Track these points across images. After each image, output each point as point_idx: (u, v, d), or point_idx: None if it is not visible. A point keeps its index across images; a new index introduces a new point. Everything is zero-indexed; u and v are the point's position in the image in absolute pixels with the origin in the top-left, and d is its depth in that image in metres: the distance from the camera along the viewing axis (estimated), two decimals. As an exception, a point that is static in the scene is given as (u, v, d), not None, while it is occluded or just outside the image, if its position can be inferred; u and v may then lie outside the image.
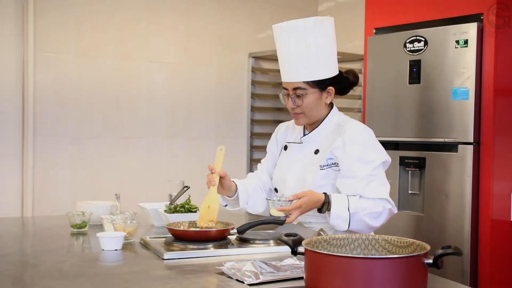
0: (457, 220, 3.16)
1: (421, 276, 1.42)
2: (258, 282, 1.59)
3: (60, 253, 2.04)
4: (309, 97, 2.23)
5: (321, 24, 2.21)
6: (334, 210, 2.13)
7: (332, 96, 2.29)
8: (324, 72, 2.23)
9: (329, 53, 2.24)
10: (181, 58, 4.50)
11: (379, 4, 3.69)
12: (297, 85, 2.23)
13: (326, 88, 2.26)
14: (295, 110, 2.27)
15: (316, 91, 2.24)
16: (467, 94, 3.13)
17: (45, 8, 3.98)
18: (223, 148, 2.24)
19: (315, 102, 2.25)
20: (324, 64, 2.23)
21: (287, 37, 2.22)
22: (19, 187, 3.92)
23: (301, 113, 2.26)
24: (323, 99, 2.27)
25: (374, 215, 2.17)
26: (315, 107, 2.26)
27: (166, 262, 1.88)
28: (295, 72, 2.23)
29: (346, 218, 2.13)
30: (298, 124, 2.33)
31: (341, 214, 2.13)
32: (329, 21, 2.25)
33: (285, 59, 2.25)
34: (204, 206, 2.16)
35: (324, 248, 1.57)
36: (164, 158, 4.44)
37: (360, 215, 2.14)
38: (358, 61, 4.59)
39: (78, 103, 4.11)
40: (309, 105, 2.24)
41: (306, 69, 2.21)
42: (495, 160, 3.11)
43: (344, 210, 2.13)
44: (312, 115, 2.28)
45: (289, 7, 4.93)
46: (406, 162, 3.41)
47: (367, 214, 2.15)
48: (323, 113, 2.30)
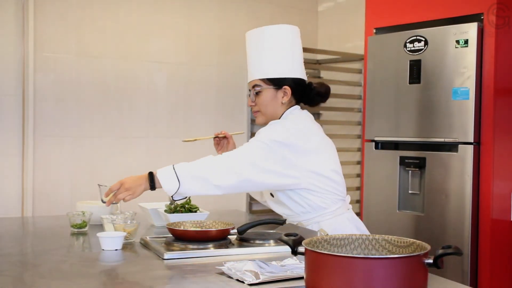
0: (457, 220, 3.16)
1: (421, 276, 1.42)
2: (258, 282, 1.59)
3: (60, 253, 2.04)
4: (264, 94, 2.39)
5: (280, 29, 2.42)
6: (160, 172, 2.18)
7: (288, 96, 2.40)
8: (279, 71, 2.38)
9: (285, 56, 2.41)
10: (181, 58, 4.50)
11: (379, 4, 3.69)
12: (254, 83, 2.41)
13: (282, 87, 2.39)
14: (253, 108, 2.44)
15: (271, 88, 2.39)
16: (467, 94, 3.13)
17: (45, 8, 3.98)
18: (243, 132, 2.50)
19: (270, 99, 2.39)
20: (279, 64, 2.39)
21: (251, 42, 2.44)
22: (19, 187, 3.92)
23: (258, 111, 2.43)
24: (279, 98, 2.40)
25: (208, 166, 2.17)
26: (270, 105, 2.40)
27: (166, 262, 1.88)
28: (252, 70, 2.42)
29: (173, 176, 2.15)
30: (257, 123, 2.48)
31: (167, 174, 2.16)
32: (292, 29, 2.46)
33: (249, 60, 2.45)
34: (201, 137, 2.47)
35: (324, 248, 1.57)
36: (164, 158, 4.43)
37: (187, 171, 2.16)
38: (358, 61, 4.59)
39: (78, 103, 4.11)
40: (264, 102, 2.39)
41: (262, 67, 2.38)
42: (495, 160, 3.11)
43: (167, 171, 2.18)
44: (267, 113, 2.41)
45: (289, 7, 4.93)
46: (406, 162, 3.41)
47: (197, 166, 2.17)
48: (278, 112, 2.41)
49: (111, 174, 4.21)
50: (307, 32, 5.02)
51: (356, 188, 4.50)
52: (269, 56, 2.38)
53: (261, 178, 2.19)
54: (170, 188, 2.17)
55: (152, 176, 2.19)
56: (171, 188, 2.16)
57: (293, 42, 2.45)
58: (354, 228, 2.38)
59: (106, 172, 4.19)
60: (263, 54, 2.38)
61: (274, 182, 2.22)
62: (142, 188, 2.19)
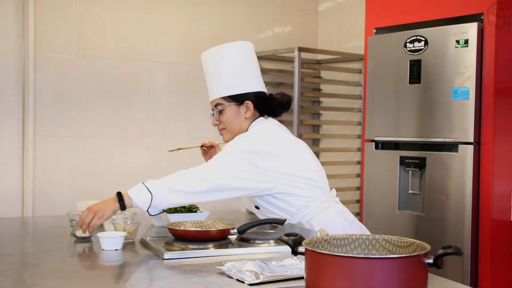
0: (457, 220, 3.16)
1: (421, 276, 1.42)
2: (258, 282, 1.59)
3: (61, 253, 2.04)
4: (226, 111, 2.42)
5: (235, 46, 2.45)
6: (130, 190, 2.17)
7: (251, 110, 2.43)
8: (237, 88, 2.41)
9: (242, 70, 2.43)
10: (181, 58, 4.50)
11: (379, 4, 3.69)
12: (216, 102, 2.45)
13: (243, 102, 2.41)
14: (218, 127, 2.47)
15: (233, 105, 2.42)
16: (467, 94, 3.13)
17: (45, 8, 3.98)
18: None
19: (233, 116, 2.43)
20: (238, 80, 2.41)
21: (208, 62, 2.47)
22: (19, 187, 3.92)
23: (223, 128, 2.46)
24: (242, 113, 2.43)
25: (181, 179, 2.21)
26: (234, 121, 2.43)
27: (166, 262, 1.88)
28: (212, 90, 2.46)
29: (144, 188, 2.16)
30: (224, 141, 2.51)
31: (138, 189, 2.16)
32: (246, 44, 2.48)
33: (208, 81, 2.49)
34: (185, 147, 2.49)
35: (324, 248, 1.57)
36: (165, 158, 4.44)
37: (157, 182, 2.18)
38: (358, 61, 4.60)
39: (78, 103, 4.11)
40: (228, 119, 2.43)
41: (221, 86, 2.42)
42: (496, 160, 3.11)
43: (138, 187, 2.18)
44: (233, 129, 2.44)
45: (290, 7, 4.93)
46: (407, 162, 3.41)
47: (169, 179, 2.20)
48: (244, 127, 2.44)
49: (112, 174, 4.21)
50: (307, 32, 5.02)
51: (356, 188, 4.50)
52: (227, 74, 2.41)
53: (232, 183, 2.23)
54: (143, 201, 2.15)
55: (120, 195, 2.17)
56: (143, 201, 2.15)
57: (249, 57, 2.46)
58: (343, 219, 2.39)
59: (106, 172, 4.19)
60: (221, 73, 2.42)
61: (245, 186, 2.26)
62: (111, 209, 2.15)
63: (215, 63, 2.45)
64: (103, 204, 2.16)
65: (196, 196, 2.21)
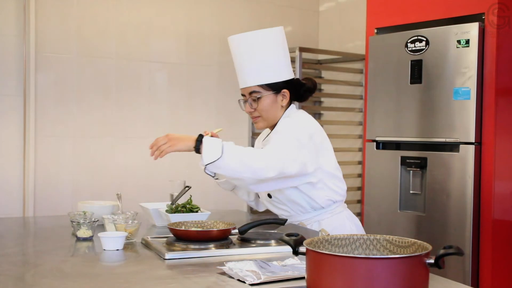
0: (458, 220, 3.16)
1: (423, 276, 1.42)
2: (259, 282, 1.59)
3: (62, 253, 2.04)
4: (264, 100, 2.37)
5: (270, 33, 2.39)
6: (206, 139, 2.13)
7: (287, 98, 2.40)
8: (276, 76, 2.37)
9: (279, 59, 2.38)
10: (182, 58, 4.50)
11: (381, 4, 3.69)
12: (252, 89, 2.38)
13: (281, 91, 2.38)
14: (253, 114, 2.41)
15: (271, 94, 2.37)
16: (468, 94, 3.13)
17: (46, 8, 3.98)
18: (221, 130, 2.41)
19: (271, 104, 2.38)
20: (275, 68, 2.37)
21: (239, 47, 2.41)
22: (20, 187, 3.92)
23: (258, 116, 2.40)
24: (279, 102, 2.39)
25: (251, 153, 2.14)
26: (271, 109, 2.38)
27: (167, 262, 1.88)
28: (248, 77, 2.38)
29: (219, 146, 2.11)
30: (258, 128, 2.46)
31: (214, 142, 2.12)
32: (279, 30, 2.41)
33: (239, 67, 2.42)
34: None
35: (325, 248, 1.57)
36: (165, 158, 4.43)
37: (233, 148, 2.12)
38: (360, 61, 4.59)
39: (79, 103, 4.11)
40: (265, 108, 2.37)
41: (259, 73, 2.36)
42: (497, 160, 3.11)
43: (215, 140, 2.14)
44: (269, 118, 2.40)
45: (290, 7, 4.93)
46: (408, 162, 3.41)
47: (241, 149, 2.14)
48: (279, 115, 2.41)
49: (112, 174, 4.21)
50: (308, 32, 5.02)
51: (357, 188, 4.50)
52: (264, 62, 2.36)
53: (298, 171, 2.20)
54: (210, 156, 2.10)
55: (201, 138, 2.14)
56: (211, 155, 2.10)
57: (283, 44, 2.43)
58: (353, 225, 2.39)
59: (107, 172, 4.19)
60: (257, 60, 2.36)
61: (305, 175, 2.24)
62: (184, 144, 2.15)
63: (249, 49, 2.38)
64: (181, 137, 2.17)
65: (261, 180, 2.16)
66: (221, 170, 2.14)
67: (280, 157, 2.16)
